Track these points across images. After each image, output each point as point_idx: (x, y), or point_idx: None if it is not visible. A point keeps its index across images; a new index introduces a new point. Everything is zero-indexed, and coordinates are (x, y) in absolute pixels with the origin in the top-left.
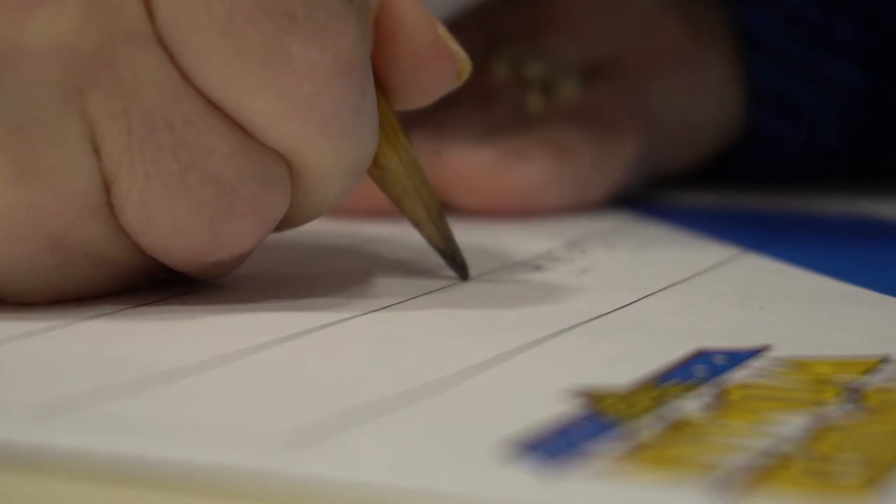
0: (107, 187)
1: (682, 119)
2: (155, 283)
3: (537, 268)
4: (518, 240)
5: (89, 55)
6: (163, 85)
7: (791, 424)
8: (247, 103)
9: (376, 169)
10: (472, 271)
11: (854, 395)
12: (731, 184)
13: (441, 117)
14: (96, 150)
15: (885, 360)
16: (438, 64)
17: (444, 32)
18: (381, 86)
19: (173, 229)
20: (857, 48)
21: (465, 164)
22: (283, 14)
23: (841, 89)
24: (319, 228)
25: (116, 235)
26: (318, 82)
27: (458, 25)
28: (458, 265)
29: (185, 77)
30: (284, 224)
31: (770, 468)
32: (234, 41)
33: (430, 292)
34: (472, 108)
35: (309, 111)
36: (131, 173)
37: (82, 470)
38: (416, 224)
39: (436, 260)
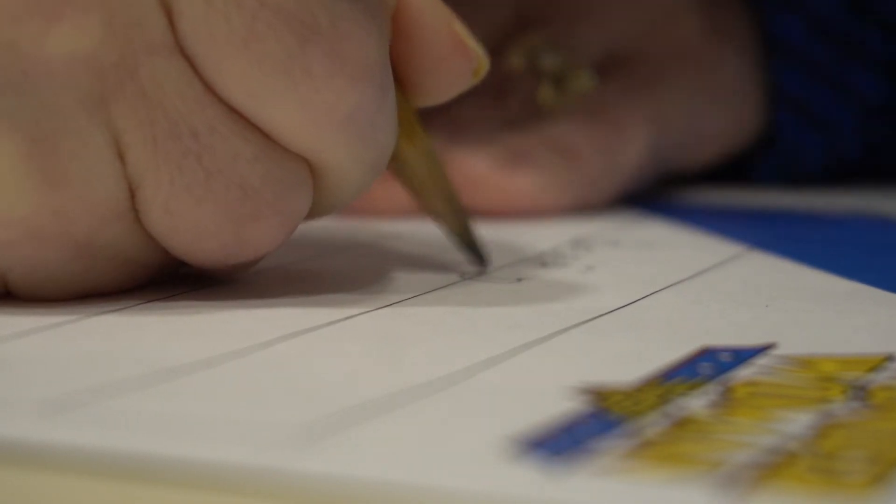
0: (132, 192)
1: (696, 119)
2: (155, 281)
3: (543, 265)
4: (524, 237)
5: (112, 67)
6: (186, 94)
7: (796, 422)
8: (268, 112)
9: (394, 162)
10: (478, 268)
11: (859, 392)
12: (740, 182)
13: (452, 110)
14: (121, 157)
15: (890, 358)
16: (455, 61)
17: (461, 29)
18: (398, 81)
19: (198, 234)
20: (880, 59)
21: (472, 166)
22: (305, 24)
23: (862, 99)
24: (324, 226)
25: (141, 239)
26: (337, 90)
27: (485, 4)
28: (478, 256)
29: (208, 86)
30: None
31: (775, 465)
32: (254, 52)
33: (436, 289)
34: (484, 101)
35: (329, 118)
36: (157, 181)
37: (88, 466)
38: (436, 216)
39: (441, 257)
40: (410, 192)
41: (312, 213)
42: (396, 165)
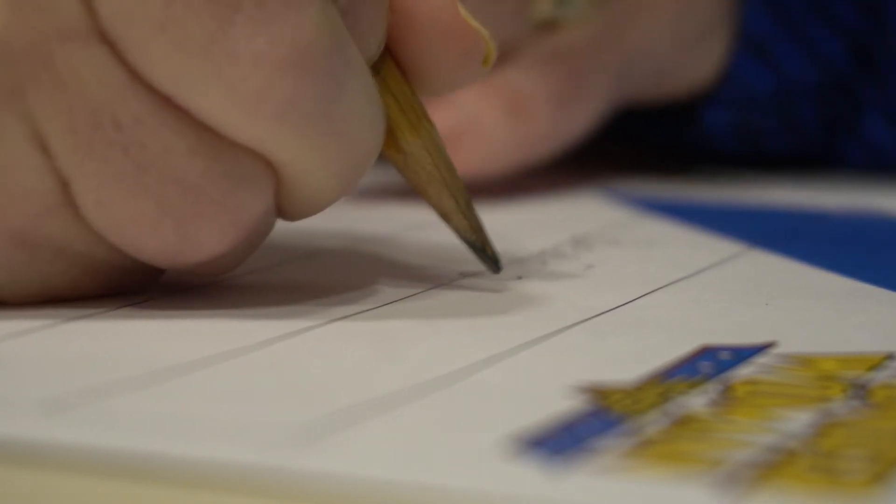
0: (64, 186)
1: (667, 54)
2: (147, 284)
3: (543, 264)
4: (523, 236)
5: (23, 53)
6: (107, 82)
7: (796, 421)
8: (196, 99)
9: (399, 155)
10: (478, 266)
11: (859, 391)
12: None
13: None
14: (45, 150)
15: (890, 357)
16: (460, 46)
17: (465, 13)
18: (403, 70)
19: (137, 230)
20: (847, 27)
21: None
22: (227, 5)
23: (823, 62)
24: (323, 226)
25: (85, 233)
26: (267, 75)
27: None
28: (488, 258)
29: (134, 74)
30: (280, 217)
31: (775, 464)
32: (172, 35)
33: (436, 288)
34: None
35: (261, 106)
36: (83, 172)
37: (86, 465)
38: (443, 214)
39: (441, 256)
40: (416, 188)
41: (286, 214)
42: (401, 158)
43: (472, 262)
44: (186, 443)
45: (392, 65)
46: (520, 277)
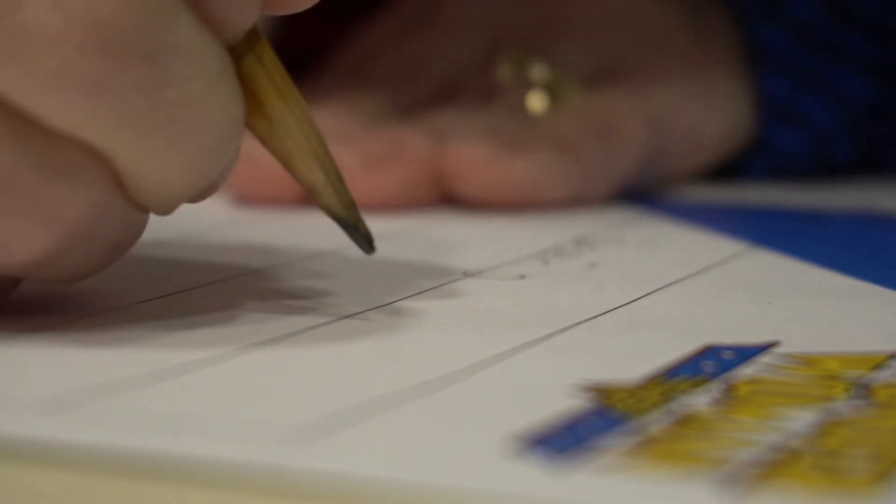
0: None
1: (690, 127)
2: (156, 279)
3: (546, 262)
4: (526, 234)
5: None
6: None
7: (799, 420)
8: None
9: (263, 122)
10: (480, 265)
11: (863, 390)
12: (732, 180)
13: (440, 114)
14: None
15: (893, 356)
16: None
17: None
18: None
19: None
20: (867, 61)
21: (470, 153)
22: None
23: (851, 103)
24: (323, 226)
25: None
26: (64, 57)
27: (464, 24)
28: (361, 236)
29: None
30: (147, 211)
31: (778, 463)
32: None
33: (437, 287)
34: (473, 106)
35: (63, 88)
36: None
37: (88, 464)
38: (312, 189)
39: (442, 255)
40: (282, 160)
41: (145, 208)
42: (266, 125)
43: (473, 261)
44: (186, 442)
45: (263, 38)
46: (522, 276)
